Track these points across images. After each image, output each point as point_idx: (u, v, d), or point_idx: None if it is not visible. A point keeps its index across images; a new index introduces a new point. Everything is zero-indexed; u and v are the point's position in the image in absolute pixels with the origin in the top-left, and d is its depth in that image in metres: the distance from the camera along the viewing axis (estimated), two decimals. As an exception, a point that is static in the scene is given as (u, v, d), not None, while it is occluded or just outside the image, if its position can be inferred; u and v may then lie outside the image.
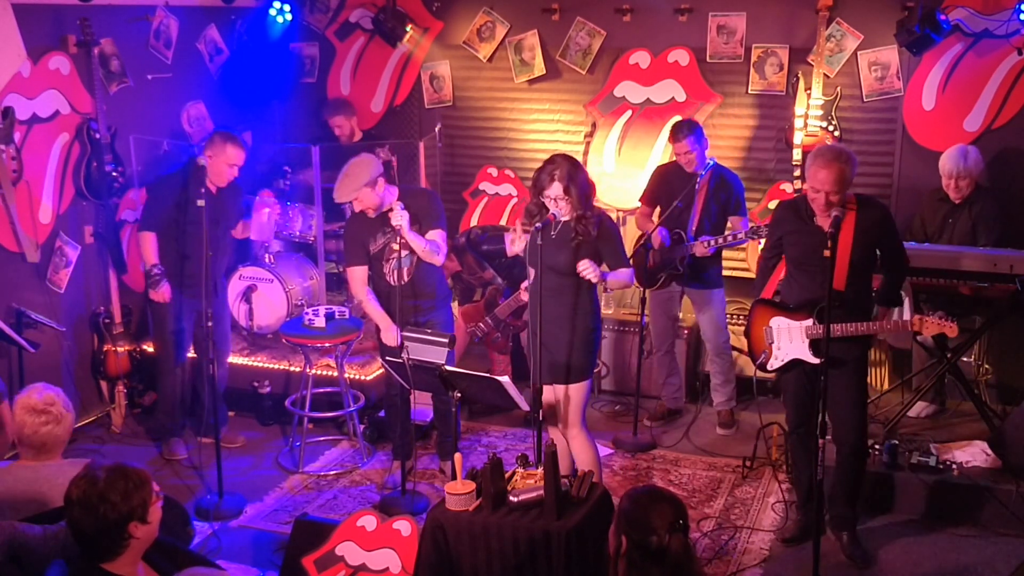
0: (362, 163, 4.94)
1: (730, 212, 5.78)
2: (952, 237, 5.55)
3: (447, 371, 4.28)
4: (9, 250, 5.53)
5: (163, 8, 6.36)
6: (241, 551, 4.69)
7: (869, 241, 4.32)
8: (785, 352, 4.49)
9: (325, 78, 7.45)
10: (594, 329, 4.58)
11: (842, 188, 4.20)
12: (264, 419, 6.15)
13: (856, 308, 4.34)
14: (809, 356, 4.41)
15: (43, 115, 5.64)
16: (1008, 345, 5.89)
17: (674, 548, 2.71)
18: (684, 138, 5.61)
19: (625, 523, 2.78)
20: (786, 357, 4.49)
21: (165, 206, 5.41)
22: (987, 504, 4.78)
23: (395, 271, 5.02)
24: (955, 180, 5.48)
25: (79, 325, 6.02)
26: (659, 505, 2.77)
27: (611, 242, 4.52)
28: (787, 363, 4.50)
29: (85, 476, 2.82)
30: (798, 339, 4.43)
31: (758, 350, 4.61)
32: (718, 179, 5.71)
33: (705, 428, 6.03)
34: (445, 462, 5.33)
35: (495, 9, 6.94)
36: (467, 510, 3.79)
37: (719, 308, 5.92)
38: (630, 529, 2.75)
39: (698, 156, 5.65)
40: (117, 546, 2.79)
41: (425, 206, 5.02)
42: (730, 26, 6.42)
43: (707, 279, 5.81)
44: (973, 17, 5.88)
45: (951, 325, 4.24)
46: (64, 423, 3.53)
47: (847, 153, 4.27)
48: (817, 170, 4.20)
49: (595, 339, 4.61)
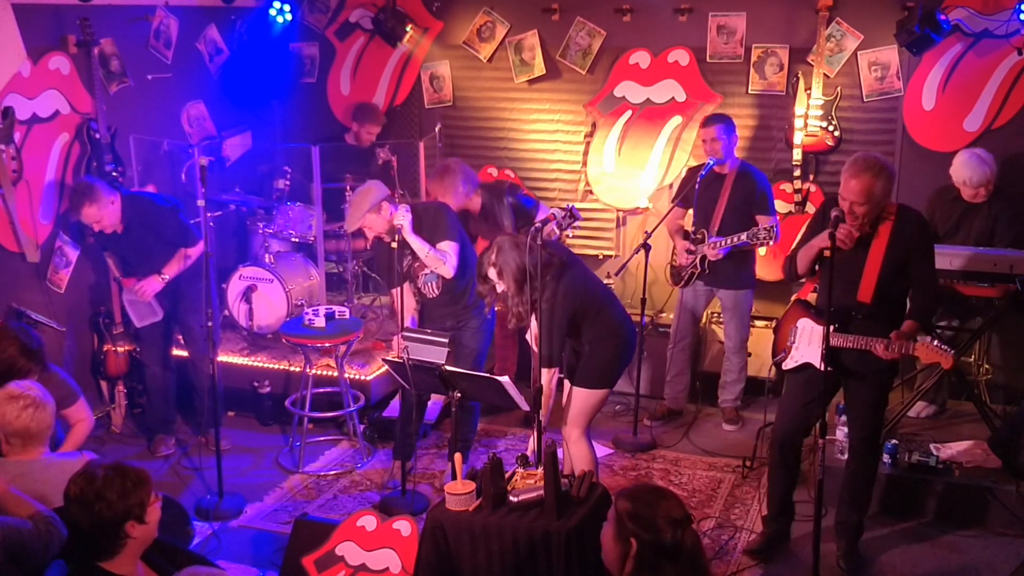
0: (365, 191, 5.00)
1: (756, 211, 5.73)
2: (969, 236, 5.54)
3: (447, 371, 4.28)
4: (9, 250, 5.53)
5: (163, 8, 6.36)
6: (241, 551, 4.69)
7: (902, 254, 4.12)
8: (801, 354, 4.41)
9: (325, 78, 7.45)
10: (616, 345, 4.53)
11: (869, 200, 4.00)
12: (264, 419, 6.15)
13: (883, 322, 4.16)
14: (818, 362, 4.27)
15: (43, 115, 5.64)
16: (1008, 345, 5.89)
17: (688, 543, 2.68)
18: (712, 124, 5.64)
19: (632, 524, 2.69)
20: (801, 359, 4.41)
21: None
22: (987, 504, 4.78)
23: (427, 284, 5.15)
24: (984, 188, 5.46)
25: (79, 325, 6.02)
26: (664, 502, 2.72)
27: (545, 328, 4.34)
28: (800, 365, 4.43)
29: (84, 473, 2.82)
30: (816, 344, 4.30)
31: (780, 347, 4.57)
32: (743, 177, 5.70)
33: (705, 428, 6.03)
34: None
35: (495, 9, 6.94)
36: (467, 510, 3.79)
37: (747, 308, 5.92)
38: (639, 530, 2.67)
39: (724, 147, 5.64)
40: (114, 545, 2.79)
41: (434, 218, 5.03)
42: (730, 26, 6.42)
43: (739, 279, 5.80)
44: (973, 17, 5.88)
45: (948, 356, 4.07)
46: (46, 408, 3.52)
47: (882, 164, 4.04)
48: (848, 178, 4.05)
49: (617, 356, 4.56)
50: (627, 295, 6.81)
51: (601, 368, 4.53)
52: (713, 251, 5.62)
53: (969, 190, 5.51)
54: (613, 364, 4.55)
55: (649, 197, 6.77)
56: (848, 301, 4.19)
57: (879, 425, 4.50)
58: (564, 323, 4.39)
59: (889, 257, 4.11)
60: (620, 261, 6.61)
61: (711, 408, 6.20)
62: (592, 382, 4.53)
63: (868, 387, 4.34)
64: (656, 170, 6.71)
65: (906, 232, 4.13)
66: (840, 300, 4.14)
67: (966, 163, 5.50)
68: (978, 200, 5.53)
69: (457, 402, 4.37)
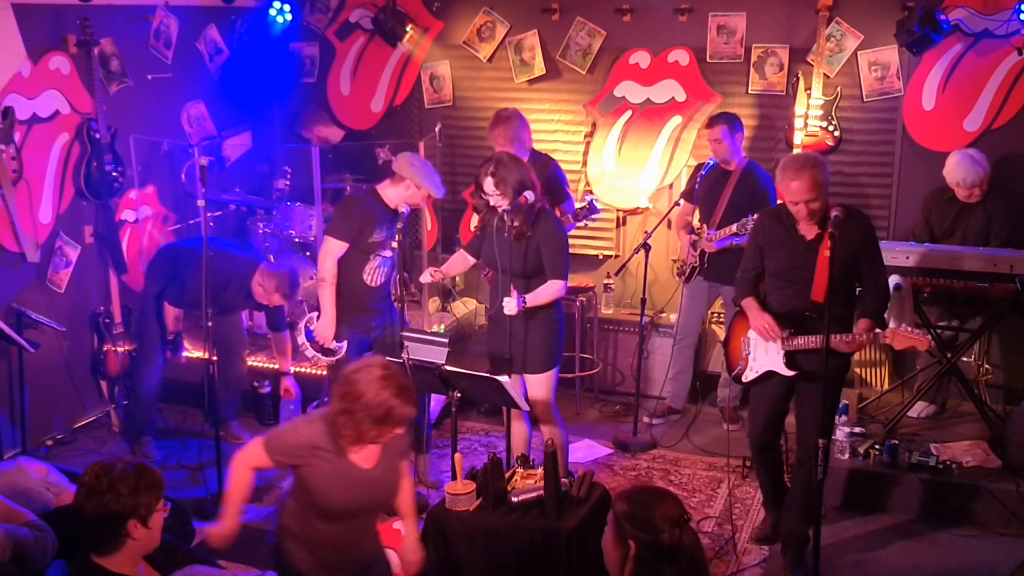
0: (425, 161, 5.07)
1: (757, 208, 5.73)
2: (966, 236, 5.54)
3: (447, 371, 4.28)
4: (9, 250, 5.52)
5: (163, 8, 6.36)
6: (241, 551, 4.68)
7: (852, 254, 4.14)
8: (760, 364, 4.36)
9: (325, 78, 7.45)
10: (557, 320, 4.66)
11: (820, 193, 4.06)
12: (264, 419, 6.15)
13: (836, 321, 4.08)
14: (783, 368, 4.27)
15: (43, 115, 5.64)
16: (1008, 345, 5.89)
17: (687, 543, 2.67)
18: (717, 125, 5.68)
19: (630, 526, 2.67)
20: (761, 369, 4.36)
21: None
22: (987, 504, 4.78)
23: (376, 271, 5.02)
24: (977, 188, 5.47)
25: (79, 325, 6.02)
26: (661, 502, 2.70)
27: (548, 245, 4.51)
28: (761, 375, 4.38)
29: (102, 463, 2.84)
30: (773, 351, 4.29)
31: (734, 361, 4.51)
32: (749, 175, 5.72)
33: (705, 428, 6.03)
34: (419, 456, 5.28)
35: (495, 9, 6.94)
36: (467, 510, 3.79)
37: None
38: (638, 531, 2.65)
39: (730, 147, 5.67)
40: (113, 540, 2.79)
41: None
42: (730, 26, 6.42)
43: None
44: (973, 17, 5.87)
45: (923, 339, 4.03)
46: None
47: (814, 158, 4.15)
48: (788, 182, 4.07)
49: (559, 330, 4.69)
50: (627, 295, 6.82)
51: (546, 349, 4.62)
52: (709, 244, 5.64)
53: (963, 191, 5.51)
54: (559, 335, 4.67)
55: (649, 197, 6.77)
56: (801, 302, 4.20)
57: (830, 429, 4.34)
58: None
59: (835, 255, 4.03)
60: (620, 261, 6.61)
61: (711, 408, 6.20)
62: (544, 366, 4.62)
63: (822, 388, 4.13)
64: (656, 170, 6.71)
65: (854, 231, 4.14)
66: (793, 302, 4.22)
67: (959, 164, 5.51)
68: (972, 200, 5.53)
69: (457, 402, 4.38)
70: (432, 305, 7.02)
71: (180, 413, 6.11)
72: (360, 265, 4.95)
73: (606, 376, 6.59)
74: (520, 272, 4.56)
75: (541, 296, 4.52)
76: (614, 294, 6.75)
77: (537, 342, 4.58)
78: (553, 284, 4.52)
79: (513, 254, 4.54)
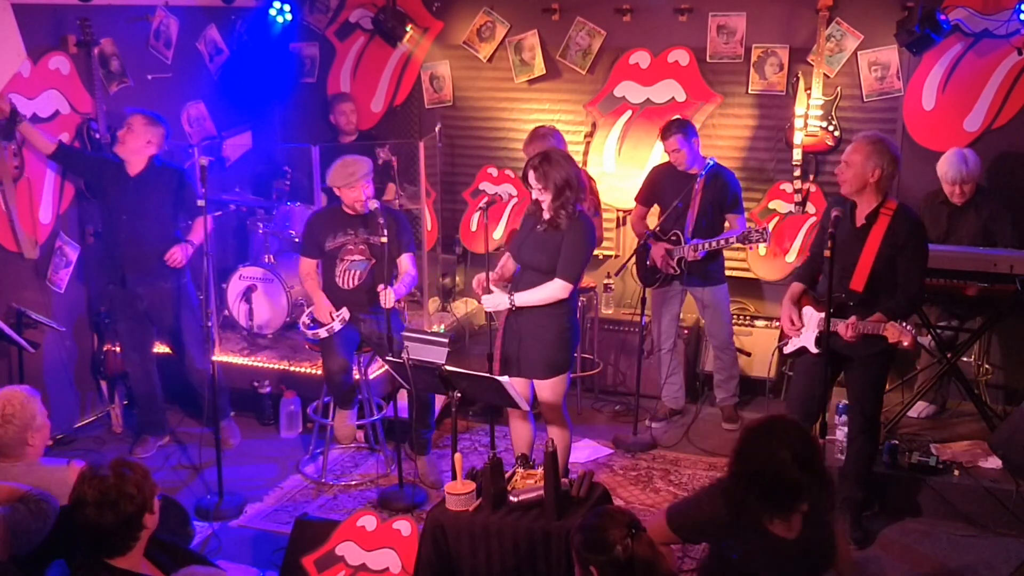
0: (360, 159, 5.15)
1: (727, 210, 5.77)
2: (960, 239, 5.54)
3: (447, 371, 4.28)
4: (9, 250, 5.53)
5: (163, 8, 6.36)
6: (241, 551, 4.69)
7: (893, 251, 4.33)
8: (800, 340, 4.62)
9: (325, 78, 7.45)
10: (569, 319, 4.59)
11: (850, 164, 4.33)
12: (264, 419, 6.15)
13: (873, 311, 4.34)
14: (812, 346, 4.54)
15: (43, 115, 5.64)
16: (1008, 345, 5.89)
17: (640, 551, 2.70)
18: (671, 136, 5.65)
19: (588, 553, 2.76)
20: (798, 343, 4.63)
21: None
22: (987, 504, 4.79)
23: (346, 273, 5.21)
24: (959, 186, 5.47)
25: (79, 325, 6.02)
26: (608, 519, 2.79)
27: (571, 244, 4.45)
28: (797, 350, 4.65)
29: (92, 477, 2.85)
30: (811, 329, 4.54)
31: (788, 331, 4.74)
32: (714, 179, 5.71)
33: (705, 428, 6.03)
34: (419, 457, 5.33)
35: (495, 9, 6.94)
36: (467, 510, 3.79)
37: (724, 304, 5.92)
38: (595, 555, 2.73)
39: (688, 155, 5.66)
40: (133, 539, 2.86)
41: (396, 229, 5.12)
42: (730, 26, 6.42)
43: (710, 275, 5.82)
44: (973, 17, 5.87)
45: (909, 334, 4.20)
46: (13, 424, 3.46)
47: (878, 140, 4.36)
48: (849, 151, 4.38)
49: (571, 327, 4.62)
50: (627, 295, 6.82)
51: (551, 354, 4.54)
52: (693, 253, 5.64)
53: (948, 187, 5.51)
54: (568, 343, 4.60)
55: (649, 197, 6.76)
56: (842, 289, 4.37)
57: (877, 405, 4.69)
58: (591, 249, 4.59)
59: (882, 250, 4.33)
60: (620, 261, 6.61)
61: (711, 408, 6.20)
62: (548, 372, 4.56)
63: (863, 370, 4.58)
64: (656, 170, 6.71)
65: (899, 230, 4.34)
66: (835, 288, 4.30)
67: (946, 159, 5.53)
68: (956, 199, 5.51)
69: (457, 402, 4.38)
70: (432, 305, 7.02)
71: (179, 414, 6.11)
72: (331, 270, 5.26)
73: (606, 376, 6.59)
74: (541, 267, 4.49)
75: (535, 296, 4.47)
76: (614, 294, 6.75)
77: (542, 346, 4.53)
78: (554, 284, 4.45)
79: (537, 248, 4.50)
